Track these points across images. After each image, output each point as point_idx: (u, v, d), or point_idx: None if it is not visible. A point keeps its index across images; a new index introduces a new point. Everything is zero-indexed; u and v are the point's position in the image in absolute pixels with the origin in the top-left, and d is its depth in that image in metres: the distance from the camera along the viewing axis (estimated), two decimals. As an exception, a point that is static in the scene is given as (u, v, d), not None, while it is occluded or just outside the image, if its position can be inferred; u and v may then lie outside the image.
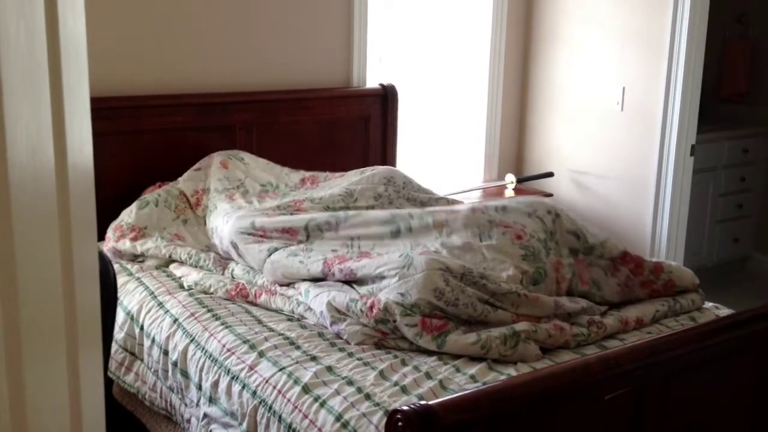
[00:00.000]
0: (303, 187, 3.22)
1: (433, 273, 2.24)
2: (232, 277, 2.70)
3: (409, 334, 2.21)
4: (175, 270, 2.80)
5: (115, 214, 3.05)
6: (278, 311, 2.49)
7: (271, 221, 2.73)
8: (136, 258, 2.93)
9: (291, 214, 2.82)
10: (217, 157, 3.26)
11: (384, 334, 2.24)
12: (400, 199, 3.03)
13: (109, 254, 2.92)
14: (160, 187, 3.17)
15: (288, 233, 2.70)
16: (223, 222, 2.82)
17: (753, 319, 2.10)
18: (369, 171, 3.19)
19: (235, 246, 2.72)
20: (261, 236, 2.69)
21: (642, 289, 2.55)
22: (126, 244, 2.90)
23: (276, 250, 2.62)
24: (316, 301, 2.38)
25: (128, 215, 2.99)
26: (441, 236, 2.57)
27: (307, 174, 3.34)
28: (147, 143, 3.29)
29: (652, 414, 1.88)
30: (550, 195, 4.25)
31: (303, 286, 2.48)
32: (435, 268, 2.26)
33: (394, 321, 2.21)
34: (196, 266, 2.79)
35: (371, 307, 2.25)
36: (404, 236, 2.61)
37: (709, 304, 2.61)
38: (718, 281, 4.82)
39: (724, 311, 2.52)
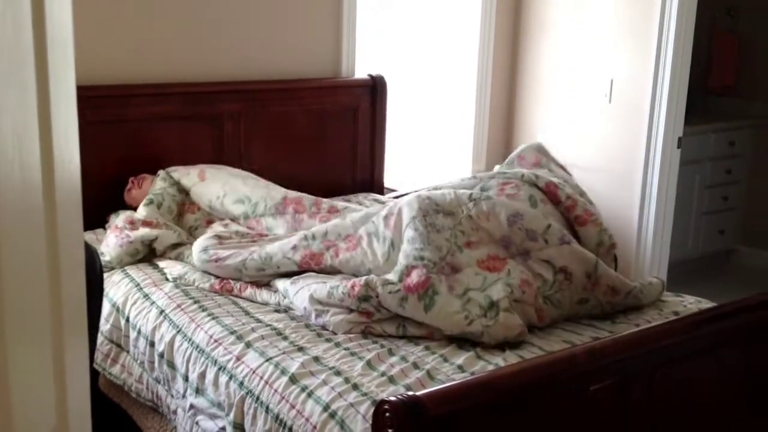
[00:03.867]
0: (283, 215, 2.95)
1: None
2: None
3: (393, 304, 2.21)
4: (159, 262, 2.79)
5: (100, 204, 3.04)
6: (265, 304, 2.49)
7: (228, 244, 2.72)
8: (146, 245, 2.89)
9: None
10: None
11: (369, 316, 2.24)
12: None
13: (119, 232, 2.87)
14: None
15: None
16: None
17: (738, 310, 2.11)
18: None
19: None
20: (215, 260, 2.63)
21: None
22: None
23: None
24: (298, 297, 2.38)
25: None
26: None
27: (290, 194, 3.03)
28: (133, 133, 3.27)
29: (637, 405, 1.89)
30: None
31: (280, 285, 2.48)
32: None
33: (377, 296, 2.22)
34: (177, 258, 2.80)
35: (353, 286, 2.26)
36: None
37: (691, 298, 2.61)
38: (703, 273, 4.86)
39: (706, 304, 2.53)
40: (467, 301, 2.22)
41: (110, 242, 2.83)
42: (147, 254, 2.87)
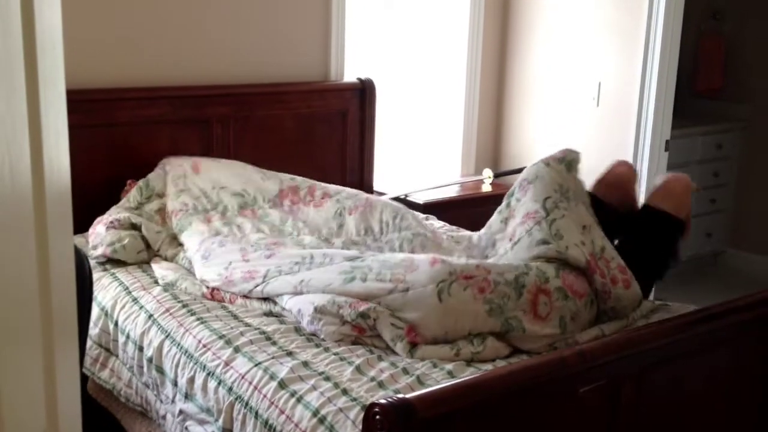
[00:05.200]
0: (281, 207, 3.09)
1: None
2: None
3: (387, 335, 2.20)
4: (153, 264, 2.78)
5: (89, 208, 3.02)
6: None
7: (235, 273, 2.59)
8: (133, 227, 2.89)
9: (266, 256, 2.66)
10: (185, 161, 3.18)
11: (361, 332, 2.24)
12: (373, 246, 2.89)
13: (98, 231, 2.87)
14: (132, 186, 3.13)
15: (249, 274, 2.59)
16: (196, 259, 2.71)
17: (726, 312, 2.13)
18: (350, 203, 3.07)
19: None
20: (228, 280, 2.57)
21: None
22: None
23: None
24: (292, 301, 2.38)
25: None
26: (395, 292, 2.28)
27: (285, 184, 3.19)
28: (122, 136, 3.26)
29: (627, 406, 1.90)
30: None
31: (275, 287, 2.48)
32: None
33: (375, 320, 2.21)
34: (173, 259, 2.79)
35: (359, 301, 2.26)
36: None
37: (676, 305, 2.61)
38: (691, 276, 4.88)
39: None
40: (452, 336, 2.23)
41: (100, 231, 2.83)
42: (147, 252, 2.86)
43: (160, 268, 2.73)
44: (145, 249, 2.85)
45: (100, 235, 2.83)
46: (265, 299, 2.48)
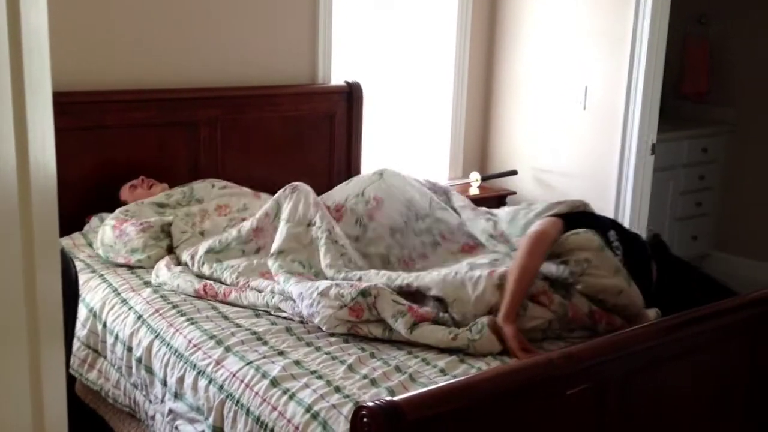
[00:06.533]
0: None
1: None
2: (200, 276, 2.66)
3: (387, 312, 2.22)
4: (161, 261, 2.77)
5: (76, 210, 3.01)
6: (251, 307, 2.47)
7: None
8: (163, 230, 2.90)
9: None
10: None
11: (358, 315, 2.24)
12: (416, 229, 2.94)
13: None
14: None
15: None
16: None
17: (711, 315, 2.14)
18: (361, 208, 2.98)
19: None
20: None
21: None
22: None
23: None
24: (296, 286, 2.39)
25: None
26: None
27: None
28: (110, 139, 3.25)
29: (614, 409, 1.91)
30: (514, 193, 4.29)
31: (282, 277, 2.48)
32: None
33: (377, 296, 2.24)
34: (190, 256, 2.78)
35: (361, 285, 2.30)
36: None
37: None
38: (677, 278, 4.90)
39: None
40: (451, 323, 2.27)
41: (129, 231, 2.81)
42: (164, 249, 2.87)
43: (157, 268, 2.73)
44: (166, 256, 2.83)
45: (128, 236, 2.81)
46: (260, 292, 2.48)
